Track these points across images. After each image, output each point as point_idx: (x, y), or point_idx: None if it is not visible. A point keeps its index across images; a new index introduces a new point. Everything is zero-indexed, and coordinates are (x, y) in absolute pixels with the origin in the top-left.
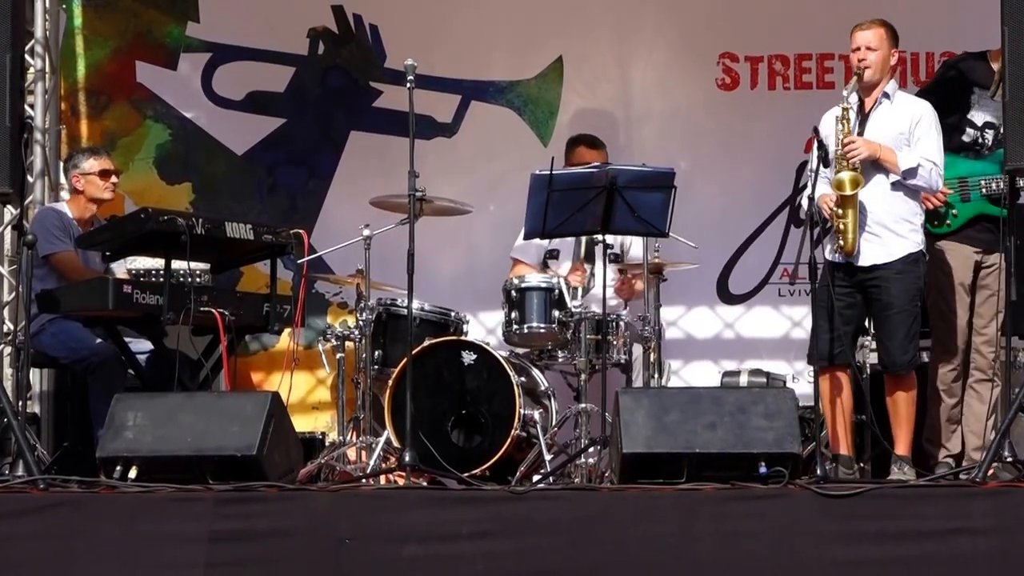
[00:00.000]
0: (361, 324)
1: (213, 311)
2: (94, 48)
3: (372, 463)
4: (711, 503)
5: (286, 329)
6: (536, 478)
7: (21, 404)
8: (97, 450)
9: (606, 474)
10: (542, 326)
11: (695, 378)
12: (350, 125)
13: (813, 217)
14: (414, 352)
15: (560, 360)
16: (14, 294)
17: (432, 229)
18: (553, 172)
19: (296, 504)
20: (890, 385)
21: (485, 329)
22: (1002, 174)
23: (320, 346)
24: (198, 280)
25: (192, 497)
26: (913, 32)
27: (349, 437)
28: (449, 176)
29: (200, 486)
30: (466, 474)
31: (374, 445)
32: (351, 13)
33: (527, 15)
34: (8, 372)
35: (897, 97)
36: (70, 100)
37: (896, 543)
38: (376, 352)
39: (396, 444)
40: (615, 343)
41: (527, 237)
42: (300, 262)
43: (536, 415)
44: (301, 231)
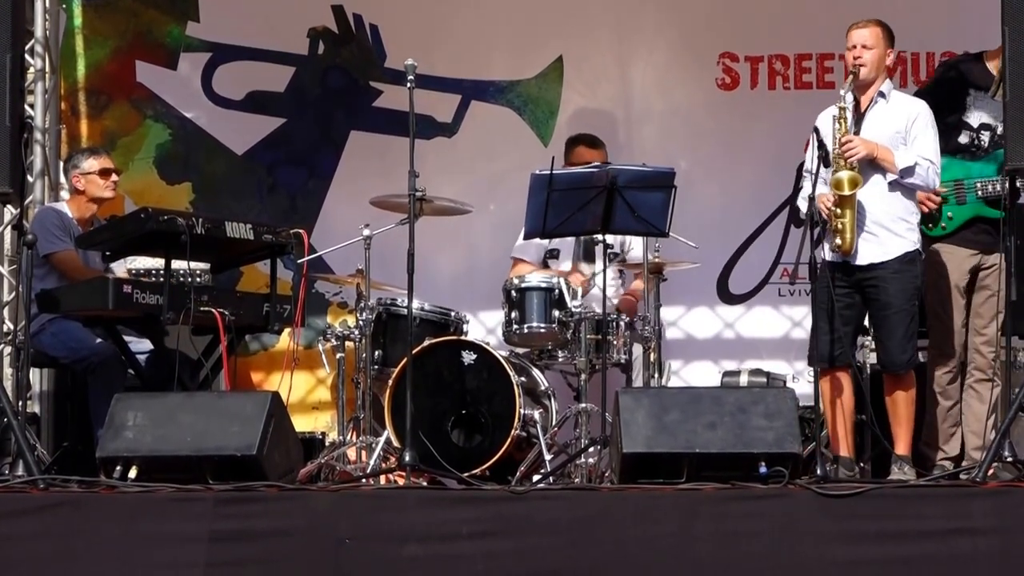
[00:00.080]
0: (361, 324)
1: (213, 311)
2: (94, 48)
3: (372, 463)
4: (711, 503)
5: (286, 329)
6: (536, 478)
7: (21, 404)
8: (97, 450)
9: (606, 474)
10: (542, 326)
11: (695, 378)
12: (350, 125)
13: (813, 217)
14: (414, 352)
15: (560, 360)
16: (14, 294)
17: (432, 229)
18: (553, 172)
19: (296, 504)
20: (889, 385)
21: (485, 329)
22: (999, 175)
23: (320, 346)
24: (198, 280)
25: (192, 497)
26: (913, 32)
27: (349, 437)
28: (449, 176)
29: (200, 486)
30: (466, 474)
31: (374, 445)
32: (351, 13)
33: (527, 15)
34: (8, 372)
35: (893, 96)
36: (70, 100)
37: (896, 543)
38: (376, 352)
39: (396, 444)
40: (615, 343)
41: (527, 237)
42: (300, 262)
43: (536, 415)
44: (301, 231)
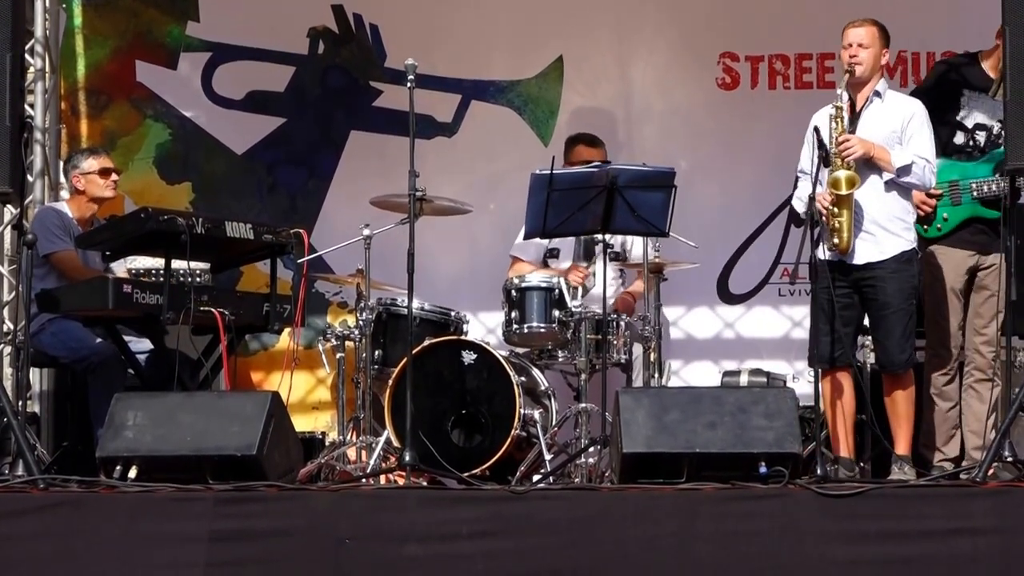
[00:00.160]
0: (361, 324)
1: (213, 311)
2: (94, 47)
3: (372, 463)
4: (711, 503)
5: (286, 329)
6: (536, 478)
7: (21, 404)
8: (97, 450)
9: (606, 474)
10: (542, 326)
11: (695, 378)
12: (350, 125)
13: (814, 217)
14: (414, 352)
15: (560, 360)
16: (14, 293)
17: (432, 229)
18: (553, 172)
19: (296, 504)
20: (888, 385)
21: (485, 329)
22: (995, 175)
23: (320, 346)
24: (198, 280)
25: (192, 497)
26: (913, 32)
27: (349, 437)
28: (449, 176)
29: (200, 486)
30: (466, 474)
31: (374, 445)
32: (351, 13)
33: (527, 15)
34: (8, 372)
35: (888, 95)
36: (70, 99)
37: (896, 543)
38: (376, 352)
39: (396, 444)
40: (615, 343)
41: (527, 237)
42: (300, 262)
43: (536, 415)
44: (301, 231)
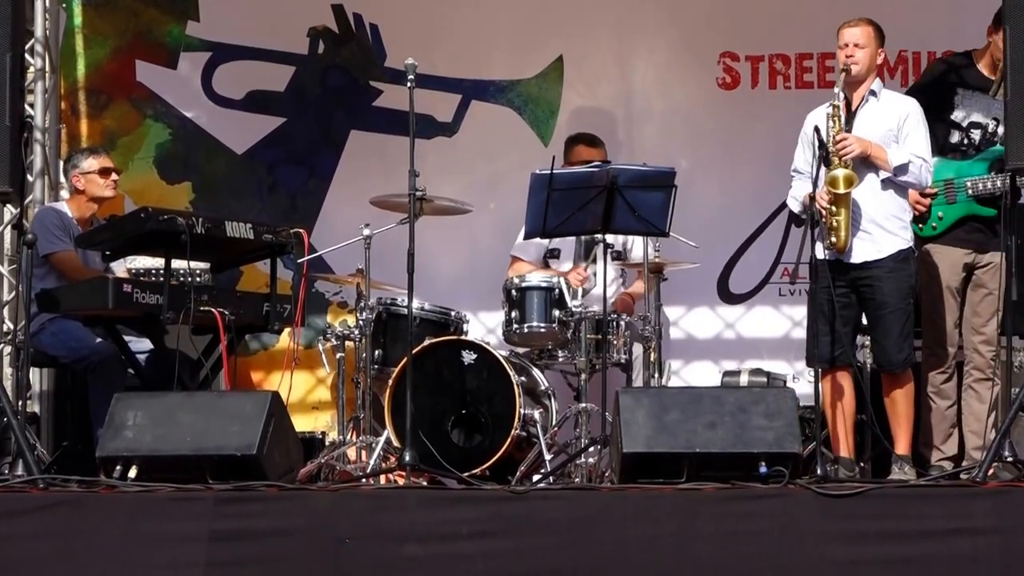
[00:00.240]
0: (361, 324)
1: (213, 310)
2: (94, 47)
3: (372, 463)
4: (711, 503)
5: (286, 328)
6: (536, 478)
7: (21, 403)
8: (97, 449)
9: (606, 474)
10: (542, 326)
11: (695, 378)
12: (350, 124)
13: (814, 216)
14: (414, 352)
15: (560, 360)
16: (14, 293)
17: (432, 228)
18: (553, 171)
19: (296, 504)
20: (887, 384)
21: (485, 328)
22: (991, 173)
23: (320, 346)
24: (198, 279)
25: (192, 497)
26: (913, 32)
27: (349, 437)
28: (449, 175)
29: (200, 486)
30: (466, 474)
31: (374, 445)
32: (351, 12)
33: (527, 14)
34: (8, 371)
35: (883, 94)
36: (70, 99)
37: (896, 543)
38: (376, 352)
39: (396, 444)
40: (615, 343)
41: (527, 237)
42: (300, 261)
43: (536, 415)
44: (301, 230)
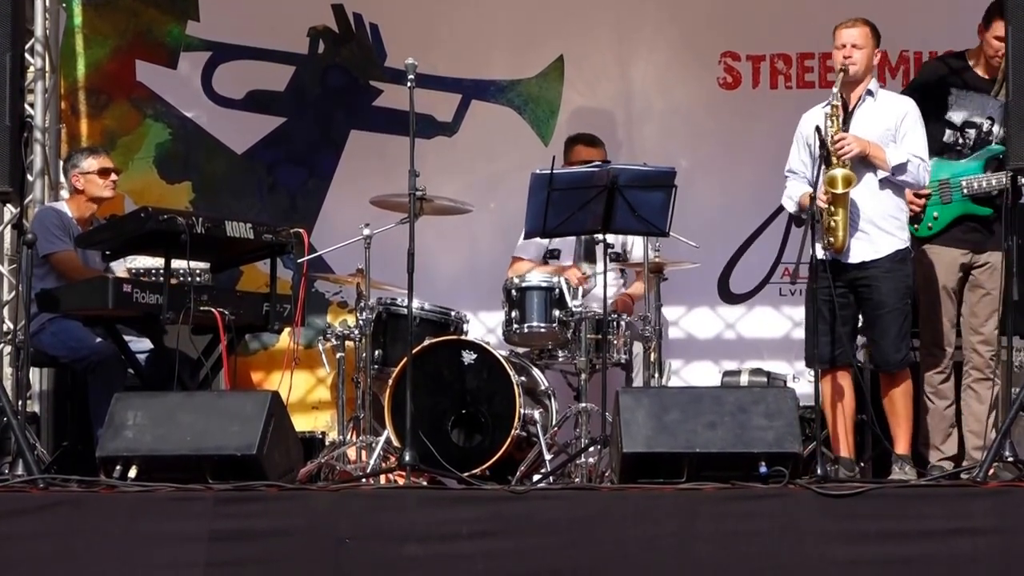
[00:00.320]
0: (361, 323)
1: (213, 310)
2: (94, 47)
3: (372, 463)
4: (711, 503)
5: (286, 328)
6: (536, 478)
7: (21, 403)
8: (97, 449)
9: (606, 474)
10: (542, 325)
11: (695, 378)
12: (350, 124)
13: (814, 216)
14: (414, 352)
15: (560, 359)
16: (14, 293)
17: (432, 228)
18: (553, 171)
19: (296, 504)
20: (885, 384)
21: (485, 328)
22: (986, 172)
23: (320, 345)
24: (198, 279)
25: (192, 497)
26: (913, 32)
27: (349, 437)
28: (449, 175)
29: (200, 486)
30: (466, 474)
31: (374, 445)
32: (351, 12)
33: (527, 14)
34: (8, 371)
35: (880, 94)
36: (70, 99)
37: (896, 543)
38: (376, 351)
39: (396, 444)
40: (615, 343)
41: (527, 236)
42: (300, 261)
43: (536, 415)
44: (301, 230)
